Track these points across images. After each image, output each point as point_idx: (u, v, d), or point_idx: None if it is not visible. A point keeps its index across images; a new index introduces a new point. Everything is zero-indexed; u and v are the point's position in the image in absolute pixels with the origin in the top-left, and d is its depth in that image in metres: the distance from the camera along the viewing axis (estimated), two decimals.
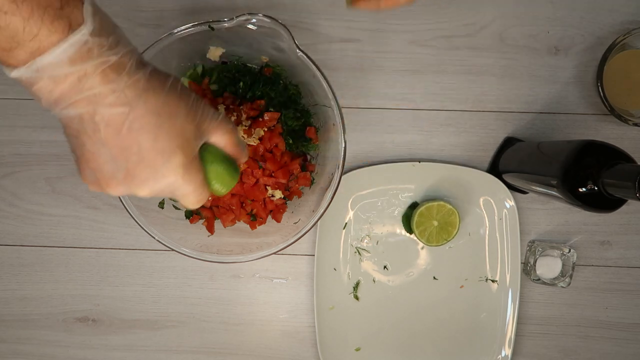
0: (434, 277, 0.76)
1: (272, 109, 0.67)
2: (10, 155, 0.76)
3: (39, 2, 0.33)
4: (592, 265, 0.77)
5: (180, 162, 0.40)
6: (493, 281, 0.76)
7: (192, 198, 0.43)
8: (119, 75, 0.36)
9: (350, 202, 0.75)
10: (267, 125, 0.66)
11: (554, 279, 0.74)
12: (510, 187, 0.74)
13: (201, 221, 0.69)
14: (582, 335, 0.77)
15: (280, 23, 0.59)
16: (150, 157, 0.39)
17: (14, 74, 0.35)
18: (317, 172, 0.69)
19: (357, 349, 0.76)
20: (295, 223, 0.66)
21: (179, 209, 0.70)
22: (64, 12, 0.34)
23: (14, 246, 0.77)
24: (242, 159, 0.49)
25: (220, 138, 0.45)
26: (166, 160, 0.39)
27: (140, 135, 0.38)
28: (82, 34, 0.34)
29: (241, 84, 0.68)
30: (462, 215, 0.75)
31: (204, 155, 0.44)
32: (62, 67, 0.34)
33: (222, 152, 0.46)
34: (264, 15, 0.59)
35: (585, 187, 0.55)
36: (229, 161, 0.47)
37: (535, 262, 0.74)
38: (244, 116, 0.66)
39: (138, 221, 0.63)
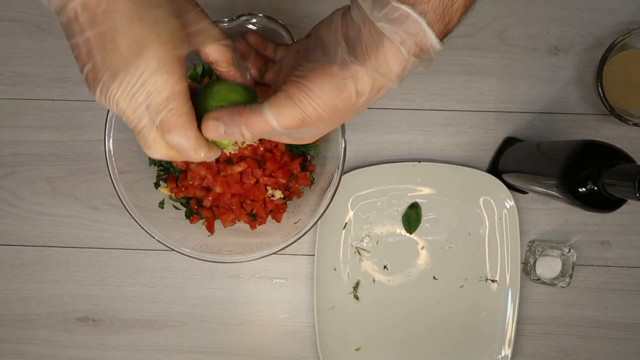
0: (434, 277, 0.76)
1: None
2: (10, 155, 0.76)
3: None
4: (592, 265, 0.77)
5: (156, 54, 0.36)
6: (493, 281, 0.76)
7: (172, 113, 0.38)
8: None
9: (350, 202, 0.75)
10: None
11: (554, 279, 0.74)
12: (510, 187, 0.74)
13: (201, 221, 0.69)
14: (582, 335, 0.77)
15: (280, 23, 0.58)
16: (124, 44, 0.36)
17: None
18: (317, 172, 0.69)
19: (357, 349, 0.76)
20: (295, 223, 0.66)
21: (179, 209, 0.70)
22: None
23: (14, 246, 0.77)
24: (244, 79, 0.44)
25: (213, 52, 0.41)
26: (140, 48, 0.36)
27: (115, 20, 0.35)
28: None
29: None
30: (462, 215, 0.75)
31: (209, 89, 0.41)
32: None
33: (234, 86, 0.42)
34: (264, 15, 0.59)
35: (585, 187, 0.55)
36: (243, 89, 0.43)
37: (535, 262, 0.74)
38: None
39: (138, 221, 0.62)
